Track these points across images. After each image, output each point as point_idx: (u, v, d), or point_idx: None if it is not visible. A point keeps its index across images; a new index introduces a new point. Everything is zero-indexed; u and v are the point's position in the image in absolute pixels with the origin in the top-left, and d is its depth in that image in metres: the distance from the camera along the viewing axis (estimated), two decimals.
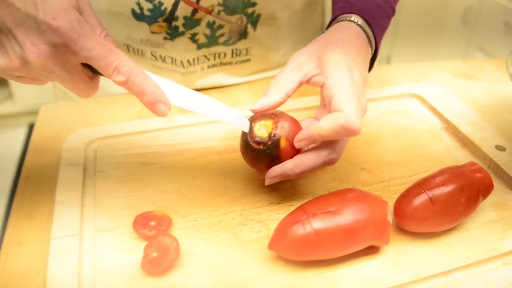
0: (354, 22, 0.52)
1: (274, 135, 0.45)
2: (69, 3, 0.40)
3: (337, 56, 0.47)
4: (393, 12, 0.58)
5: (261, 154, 0.46)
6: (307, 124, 0.48)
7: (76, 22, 0.38)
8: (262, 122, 0.46)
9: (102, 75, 0.42)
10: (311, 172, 0.47)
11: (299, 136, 0.45)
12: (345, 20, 0.52)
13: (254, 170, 0.52)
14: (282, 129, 0.46)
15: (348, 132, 0.43)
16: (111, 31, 0.67)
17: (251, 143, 0.46)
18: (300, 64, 0.48)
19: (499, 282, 0.42)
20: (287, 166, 0.46)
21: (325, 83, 0.46)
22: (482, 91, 0.75)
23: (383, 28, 0.56)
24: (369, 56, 0.53)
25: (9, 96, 2.30)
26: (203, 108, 0.45)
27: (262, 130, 0.46)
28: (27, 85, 0.46)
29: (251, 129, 0.47)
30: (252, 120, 0.47)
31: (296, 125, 0.47)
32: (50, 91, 0.84)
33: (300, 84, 0.49)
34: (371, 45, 0.53)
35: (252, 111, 0.48)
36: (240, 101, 0.71)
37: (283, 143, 0.45)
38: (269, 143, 0.45)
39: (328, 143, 0.46)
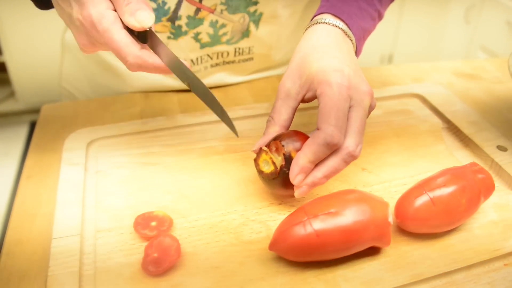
0: (322, 23, 0.52)
1: (284, 154, 0.46)
2: None
3: (316, 64, 0.48)
4: (379, 16, 0.58)
5: (285, 176, 0.46)
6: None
7: (96, 15, 0.44)
8: (268, 152, 0.47)
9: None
10: (335, 171, 0.46)
11: (293, 173, 0.45)
12: (314, 24, 0.53)
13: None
14: (288, 146, 0.46)
15: (331, 147, 0.44)
16: None
17: (271, 179, 0.47)
18: (287, 91, 0.49)
19: (500, 283, 0.42)
20: (302, 159, 0.45)
21: (316, 94, 0.47)
22: (483, 91, 0.74)
23: (365, 30, 0.55)
24: (351, 45, 0.52)
25: (11, 94, 2.31)
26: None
27: (268, 165, 0.47)
28: (29, 83, 0.49)
29: (261, 166, 0.48)
30: (258, 157, 0.48)
31: (298, 135, 0.47)
32: (52, 90, 0.84)
33: (294, 110, 0.50)
34: (349, 37, 0.52)
35: (254, 151, 0.50)
36: (242, 101, 0.71)
37: (294, 155, 0.46)
38: (285, 163, 0.46)
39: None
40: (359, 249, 0.43)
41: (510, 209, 0.51)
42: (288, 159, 0.46)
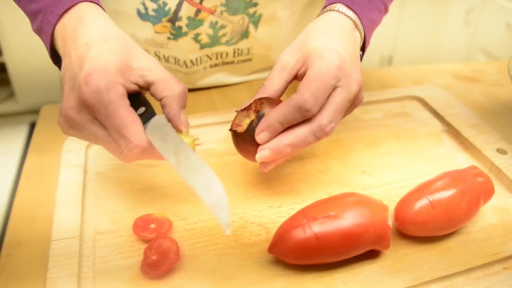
0: (335, 10, 0.52)
1: (259, 111, 0.46)
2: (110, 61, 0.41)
3: (317, 42, 0.48)
4: (385, 9, 0.58)
5: (252, 133, 0.45)
6: None
7: (105, 84, 0.40)
8: (248, 109, 0.47)
9: None
10: (301, 141, 0.44)
11: (259, 128, 0.44)
12: (326, 11, 0.53)
13: (259, 165, 0.49)
14: (264, 105, 0.46)
15: (302, 112, 0.43)
16: None
17: (238, 133, 0.46)
18: (284, 63, 0.49)
19: (499, 286, 0.42)
20: (271, 116, 0.44)
21: (307, 67, 0.47)
22: (483, 93, 0.74)
23: (373, 22, 0.55)
24: (358, 38, 0.52)
25: (11, 95, 2.30)
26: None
27: (241, 121, 0.47)
28: (28, 84, 0.47)
29: (236, 121, 0.47)
30: (237, 115, 0.48)
31: (279, 102, 0.47)
32: (52, 90, 0.84)
33: (287, 83, 0.49)
34: (358, 30, 0.52)
35: (237, 111, 0.49)
36: (241, 102, 0.71)
37: None
38: (255, 120, 0.45)
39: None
40: (358, 252, 0.43)
41: (509, 212, 0.51)
42: (260, 117, 0.45)
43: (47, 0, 0.46)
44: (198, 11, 0.65)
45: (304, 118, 0.44)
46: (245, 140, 0.46)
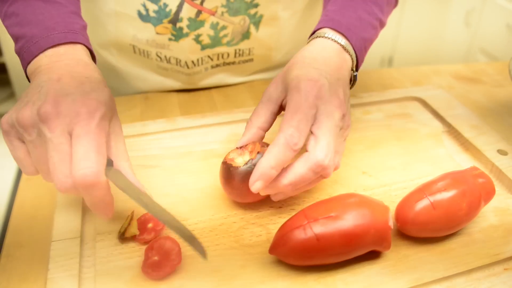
0: (321, 37, 0.52)
1: (258, 152, 0.46)
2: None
3: (296, 71, 0.48)
4: (381, 24, 0.58)
5: (247, 173, 0.45)
6: None
7: (99, 105, 0.41)
8: (244, 148, 0.48)
9: None
10: (301, 180, 0.45)
11: (252, 178, 0.44)
12: (314, 38, 0.53)
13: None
14: (264, 148, 0.46)
15: (291, 147, 0.43)
16: (117, 31, 0.68)
17: (233, 168, 0.46)
18: (269, 95, 0.50)
19: (500, 287, 0.42)
20: (263, 164, 0.43)
21: (286, 99, 0.47)
22: (484, 94, 0.74)
23: (366, 40, 0.55)
24: (347, 60, 0.52)
25: (11, 95, 2.31)
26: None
27: (244, 155, 0.48)
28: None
29: (229, 156, 0.48)
30: (233, 152, 0.49)
31: None
32: None
33: (274, 114, 0.50)
34: (348, 52, 0.52)
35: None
36: (242, 103, 0.71)
37: None
38: (254, 159, 0.46)
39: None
40: (359, 253, 0.43)
41: (510, 213, 0.51)
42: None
43: (33, 30, 0.46)
44: (199, 12, 0.65)
45: (295, 153, 0.44)
46: (236, 180, 0.46)
